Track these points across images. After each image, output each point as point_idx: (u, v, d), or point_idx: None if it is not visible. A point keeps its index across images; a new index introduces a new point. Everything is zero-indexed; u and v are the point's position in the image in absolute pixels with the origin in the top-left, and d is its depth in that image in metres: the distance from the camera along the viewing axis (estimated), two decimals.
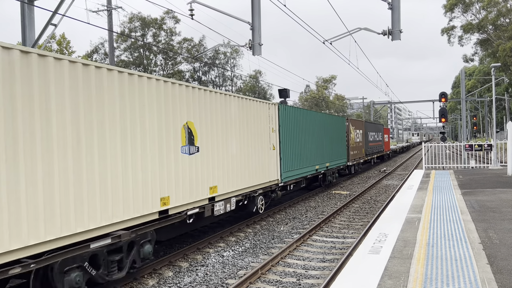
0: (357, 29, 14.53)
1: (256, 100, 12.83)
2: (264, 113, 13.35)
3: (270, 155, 13.55)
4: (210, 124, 10.07)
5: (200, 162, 9.58)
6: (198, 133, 9.58)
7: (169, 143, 8.52)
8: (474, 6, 45.33)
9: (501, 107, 60.96)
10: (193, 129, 9.41)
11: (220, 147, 10.48)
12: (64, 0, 13.85)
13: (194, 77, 60.73)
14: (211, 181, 10.00)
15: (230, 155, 10.99)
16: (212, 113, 10.19)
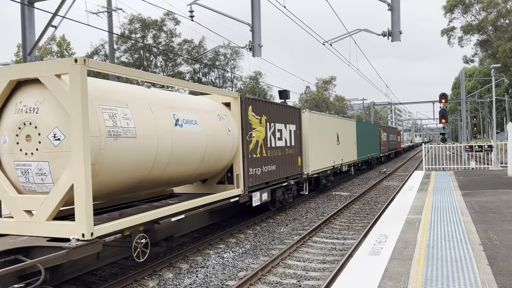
0: (357, 30, 14.54)
1: (348, 119, 27.94)
2: (352, 126, 26.46)
3: (353, 148, 25.75)
4: (341, 132, 22.90)
5: (339, 149, 22.13)
6: (340, 136, 22.30)
7: (333, 140, 21.05)
8: (474, 7, 45.36)
9: (501, 108, 60.96)
10: (338, 134, 22.00)
11: (343, 143, 22.94)
12: (64, 2, 13.87)
13: (194, 78, 60.75)
14: (342, 156, 22.62)
15: (344, 146, 23.31)
16: (343, 126, 23.65)
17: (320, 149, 18.73)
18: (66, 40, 51.69)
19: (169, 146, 8.28)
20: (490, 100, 51.88)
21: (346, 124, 24.86)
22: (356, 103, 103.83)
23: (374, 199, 17.99)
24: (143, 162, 7.65)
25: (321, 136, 19.06)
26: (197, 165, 9.56)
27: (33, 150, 6.54)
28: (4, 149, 6.82)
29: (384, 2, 12.58)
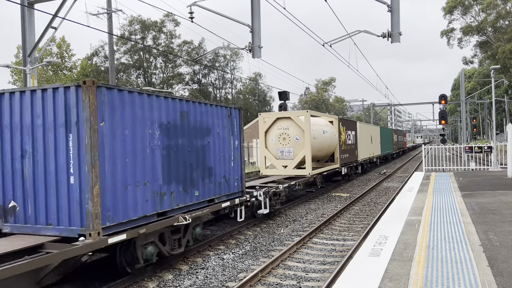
0: (357, 31, 14.56)
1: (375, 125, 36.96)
2: (377, 130, 35.14)
3: (378, 146, 34.09)
4: (373, 135, 32.16)
5: (371, 146, 30.94)
6: (372, 138, 31.51)
7: (369, 141, 30.32)
8: (473, 8, 45.42)
9: (501, 109, 60.99)
10: (371, 137, 31.49)
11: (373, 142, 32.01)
12: (64, 4, 13.89)
13: (194, 79, 60.77)
14: (373, 151, 31.72)
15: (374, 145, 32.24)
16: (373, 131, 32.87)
17: (363, 146, 28.06)
18: (66, 42, 51.71)
19: (322, 142, 19.34)
20: (489, 101, 51.91)
21: (374, 129, 34.58)
22: (356, 104, 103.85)
23: (374, 200, 17.99)
24: (318, 148, 18.92)
25: (364, 138, 28.36)
26: (326, 151, 20.47)
27: (286, 143, 17.67)
28: (271, 144, 18.02)
29: (383, 4, 12.60)
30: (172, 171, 8.55)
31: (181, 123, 8.89)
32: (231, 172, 10.96)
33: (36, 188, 7.11)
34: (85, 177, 6.69)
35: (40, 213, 7.07)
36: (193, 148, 9.32)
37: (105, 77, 47.35)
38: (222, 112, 10.59)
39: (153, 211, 7.96)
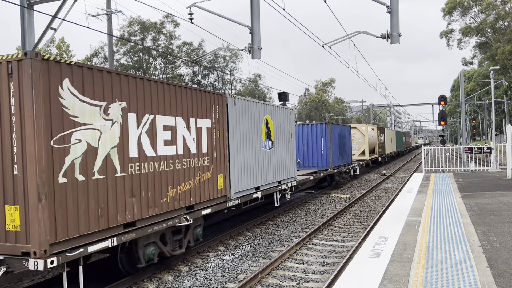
0: (356, 32, 14.56)
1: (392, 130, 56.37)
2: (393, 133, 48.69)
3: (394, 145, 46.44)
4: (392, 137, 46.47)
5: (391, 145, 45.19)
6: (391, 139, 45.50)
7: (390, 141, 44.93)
8: (472, 9, 45.45)
9: (500, 110, 61.01)
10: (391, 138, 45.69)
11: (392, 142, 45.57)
12: (63, 5, 13.90)
13: (193, 80, 60.82)
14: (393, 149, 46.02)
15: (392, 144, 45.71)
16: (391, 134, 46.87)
17: (388, 144, 41.06)
18: (65, 43, 51.72)
19: (371, 141, 31.98)
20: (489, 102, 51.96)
21: (392, 132, 47.97)
22: (355, 105, 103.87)
23: (374, 201, 17.98)
24: (369, 145, 31.45)
25: (388, 139, 41.52)
26: (372, 147, 32.74)
27: (354, 142, 29.29)
28: None
29: (383, 5, 12.61)
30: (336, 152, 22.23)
31: (325, 134, 20.86)
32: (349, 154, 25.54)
33: (308, 155, 20.71)
34: (327, 151, 20.65)
35: (308, 163, 20.68)
36: (341, 142, 23.22)
37: None
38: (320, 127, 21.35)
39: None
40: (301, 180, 16.83)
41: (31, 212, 5.83)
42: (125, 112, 7.34)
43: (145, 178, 7.72)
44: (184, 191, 8.79)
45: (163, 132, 8.28)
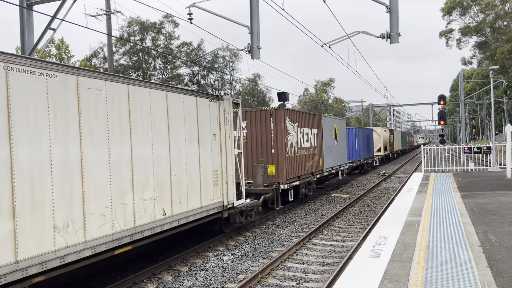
0: (356, 32, 14.56)
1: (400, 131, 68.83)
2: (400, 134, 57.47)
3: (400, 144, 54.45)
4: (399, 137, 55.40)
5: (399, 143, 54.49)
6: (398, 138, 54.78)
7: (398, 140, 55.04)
8: (472, 9, 45.46)
9: (499, 110, 61.03)
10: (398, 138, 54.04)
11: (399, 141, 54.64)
12: (62, 5, 13.89)
13: (193, 80, 60.77)
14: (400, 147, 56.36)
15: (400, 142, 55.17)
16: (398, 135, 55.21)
17: (396, 143, 48.23)
18: (64, 43, 51.66)
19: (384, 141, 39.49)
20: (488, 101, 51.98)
21: (399, 133, 55.57)
22: (355, 105, 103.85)
23: (374, 201, 17.98)
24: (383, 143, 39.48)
25: (396, 138, 49.04)
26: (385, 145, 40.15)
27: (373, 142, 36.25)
28: None
29: (382, 4, 12.61)
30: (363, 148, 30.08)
31: (358, 135, 28.42)
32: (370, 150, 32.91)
33: (348, 150, 25.88)
34: (360, 148, 28.87)
35: (348, 156, 25.75)
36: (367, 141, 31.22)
37: None
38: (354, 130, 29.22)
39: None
40: (348, 166, 25.49)
41: (280, 167, 15.14)
42: (297, 127, 16.70)
43: (300, 157, 16.97)
44: (310, 165, 18.17)
45: (305, 135, 17.67)
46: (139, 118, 8.11)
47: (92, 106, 7.12)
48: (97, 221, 7.02)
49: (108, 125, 7.42)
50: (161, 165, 8.66)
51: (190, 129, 9.72)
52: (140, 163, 8.05)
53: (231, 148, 11.43)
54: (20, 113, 5.96)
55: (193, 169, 9.74)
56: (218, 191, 10.76)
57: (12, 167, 5.84)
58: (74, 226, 6.64)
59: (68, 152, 6.64)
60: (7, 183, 5.74)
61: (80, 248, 6.69)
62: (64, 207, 6.48)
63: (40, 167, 6.19)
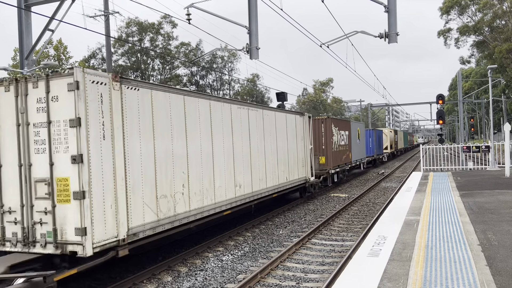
0: (354, 32, 14.58)
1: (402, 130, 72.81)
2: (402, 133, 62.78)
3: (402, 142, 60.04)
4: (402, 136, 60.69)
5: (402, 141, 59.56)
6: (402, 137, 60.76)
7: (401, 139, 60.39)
8: (470, 8, 45.48)
9: (498, 109, 61.10)
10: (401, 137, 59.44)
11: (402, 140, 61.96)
12: (61, 6, 13.87)
13: (191, 81, 60.75)
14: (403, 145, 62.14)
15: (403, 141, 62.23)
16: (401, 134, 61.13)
17: (399, 142, 53.11)
18: (63, 44, 51.60)
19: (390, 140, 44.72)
20: (487, 101, 52.03)
21: (401, 133, 60.92)
22: (354, 105, 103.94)
23: (373, 201, 18.00)
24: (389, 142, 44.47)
25: (399, 138, 54.62)
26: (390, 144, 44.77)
27: None
28: None
29: (380, 4, 12.63)
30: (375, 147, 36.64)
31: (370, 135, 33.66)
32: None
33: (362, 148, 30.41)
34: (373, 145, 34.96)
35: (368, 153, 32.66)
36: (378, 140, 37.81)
37: None
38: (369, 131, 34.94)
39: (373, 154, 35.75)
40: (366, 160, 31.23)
41: (328, 158, 20.71)
42: (337, 130, 22.23)
43: (339, 152, 22.46)
44: (344, 158, 23.43)
45: (341, 136, 22.80)
46: (267, 128, 13.93)
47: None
48: (232, 188, 11.35)
49: (247, 129, 12.60)
50: (277, 152, 14.62)
51: (292, 132, 16.16)
52: (270, 152, 14.10)
53: (309, 144, 17.99)
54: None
55: (291, 157, 15.97)
56: (304, 170, 17.27)
57: (172, 154, 8.95)
58: (221, 191, 10.77)
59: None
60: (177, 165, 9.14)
61: (222, 205, 10.77)
62: (198, 182, 9.80)
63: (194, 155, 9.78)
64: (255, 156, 12.72)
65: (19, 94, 7.05)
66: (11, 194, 7.15)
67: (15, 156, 7.12)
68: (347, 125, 25.27)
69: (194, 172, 9.55)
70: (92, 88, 6.86)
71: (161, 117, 8.54)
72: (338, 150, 22.39)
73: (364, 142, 30.35)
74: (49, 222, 6.77)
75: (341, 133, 23.22)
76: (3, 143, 7.26)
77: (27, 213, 6.96)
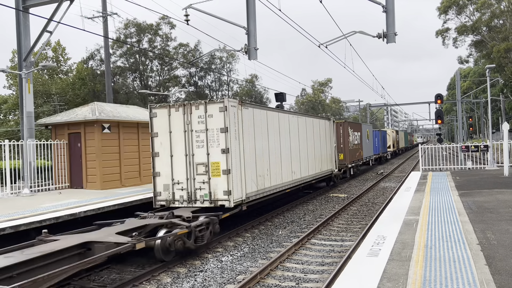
0: (352, 32, 14.59)
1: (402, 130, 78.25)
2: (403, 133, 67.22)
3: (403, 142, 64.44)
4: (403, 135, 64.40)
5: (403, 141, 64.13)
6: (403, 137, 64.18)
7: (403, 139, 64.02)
8: (467, 8, 45.55)
9: (496, 108, 61.20)
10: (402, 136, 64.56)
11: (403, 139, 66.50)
12: (59, 8, 13.88)
13: (190, 82, 60.69)
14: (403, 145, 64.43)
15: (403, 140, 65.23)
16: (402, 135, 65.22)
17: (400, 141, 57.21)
18: (61, 45, 51.52)
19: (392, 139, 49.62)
20: (485, 100, 52.09)
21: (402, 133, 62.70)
22: (352, 105, 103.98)
23: (372, 201, 18.01)
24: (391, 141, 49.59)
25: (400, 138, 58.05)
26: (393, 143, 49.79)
27: None
28: None
29: (378, 4, 12.65)
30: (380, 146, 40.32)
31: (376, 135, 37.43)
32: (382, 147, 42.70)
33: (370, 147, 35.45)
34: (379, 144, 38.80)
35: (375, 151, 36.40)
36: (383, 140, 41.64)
37: (101, 80, 47.24)
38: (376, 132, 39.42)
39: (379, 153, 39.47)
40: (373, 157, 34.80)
41: (345, 155, 25.08)
42: (352, 131, 26.61)
43: (354, 150, 26.91)
44: (357, 155, 28.00)
45: (355, 136, 27.18)
46: (309, 130, 18.31)
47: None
48: (294, 173, 16.15)
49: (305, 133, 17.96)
50: (314, 149, 18.76)
51: (323, 134, 20.45)
52: (311, 148, 18.40)
53: (333, 143, 21.98)
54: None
55: (320, 154, 19.73)
56: (330, 164, 21.44)
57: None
58: (292, 173, 15.77)
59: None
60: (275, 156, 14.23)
61: (285, 185, 15.11)
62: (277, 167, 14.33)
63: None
64: (302, 152, 17.04)
65: (185, 113, 11.51)
66: (179, 172, 11.62)
67: (182, 150, 11.55)
68: (359, 127, 29.38)
69: (273, 161, 13.82)
70: (231, 109, 11.25)
71: (256, 124, 12.76)
72: (353, 148, 26.52)
73: (372, 141, 34.54)
74: (206, 188, 11.31)
75: (354, 134, 27.26)
76: (174, 142, 11.62)
77: (191, 183, 11.49)
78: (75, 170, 17.07)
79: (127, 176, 17.57)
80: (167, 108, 11.70)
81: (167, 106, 11.72)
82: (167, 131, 11.64)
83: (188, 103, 11.41)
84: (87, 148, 16.66)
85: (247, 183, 11.82)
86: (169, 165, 11.65)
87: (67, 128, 17.18)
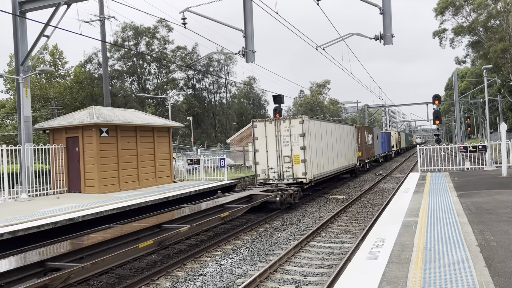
0: (349, 34, 14.61)
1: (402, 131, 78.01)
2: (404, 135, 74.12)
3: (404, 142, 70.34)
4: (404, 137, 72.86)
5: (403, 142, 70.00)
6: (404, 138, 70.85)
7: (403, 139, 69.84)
8: (464, 8, 45.70)
9: (494, 108, 61.35)
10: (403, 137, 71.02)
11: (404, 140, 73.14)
12: (56, 12, 13.86)
13: (188, 85, 60.64)
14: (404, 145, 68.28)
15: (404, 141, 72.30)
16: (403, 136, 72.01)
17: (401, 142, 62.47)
18: (58, 49, 51.47)
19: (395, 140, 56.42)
20: (483, 100, 52.22)
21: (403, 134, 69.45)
22: (350, 106, 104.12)
23: (371, 202, 18.00)
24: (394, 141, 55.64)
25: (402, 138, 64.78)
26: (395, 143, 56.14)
27: None
28: None
29: (375, 6, 12.67)
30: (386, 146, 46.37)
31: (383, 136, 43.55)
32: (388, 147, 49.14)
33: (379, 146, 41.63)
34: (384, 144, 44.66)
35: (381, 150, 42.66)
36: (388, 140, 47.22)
37: (99, 84, 47.19)
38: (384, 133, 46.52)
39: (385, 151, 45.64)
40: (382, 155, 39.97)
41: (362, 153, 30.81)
42: (367, 134, 32.87)
43: (368, 149, 33.09)
44: (371, 153, 34.36)
45: (369, 138, 33.16)
46: (340, 133, 23.92)
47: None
48: (334, 163, 22.25)
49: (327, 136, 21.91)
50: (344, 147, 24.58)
51: (348, 136, 25.85)
52: (342, 147, 24.19)
53: (355, 143, 27.48)
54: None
55: (348, 151, 25.51)
56: (354, 159, 26.97)
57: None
58: (332, 164, 21.67)
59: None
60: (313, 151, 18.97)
61: (331, 171, 21.57)
62: (319, 160, 19.67)
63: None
64: (339, 149, 22.97)
65: (276, 125, 17.82)
66: (272, 162, 17.91)
67: (273, 147, 17.84)
68: (372, 130, 35.73)
69: (325, 155, 20.06)
70: (306, 122, 17.56)
71: (317, 131, 19.09)
72: (367, 147, 32.43)
73: (380, 142, 40.35)
74: (290, 171, 17.65)
75: (368, 136, 33.20)
76: (269, 143, 17.89)
77: (280, 169, 17.84)
78: (73, 174, 17.04)
79: (125, 180, 17.56)
80: (263, 122, 18.23)
81: (264, 120, 18.27)
82: (264, 136, 17.96)
83: (278, 119, 17.93)
84: (85, 152, 16.65)
85: (313, 169, 18.11)
86: (265, 157, 17.98)
87: (65, 132, 17.16)
